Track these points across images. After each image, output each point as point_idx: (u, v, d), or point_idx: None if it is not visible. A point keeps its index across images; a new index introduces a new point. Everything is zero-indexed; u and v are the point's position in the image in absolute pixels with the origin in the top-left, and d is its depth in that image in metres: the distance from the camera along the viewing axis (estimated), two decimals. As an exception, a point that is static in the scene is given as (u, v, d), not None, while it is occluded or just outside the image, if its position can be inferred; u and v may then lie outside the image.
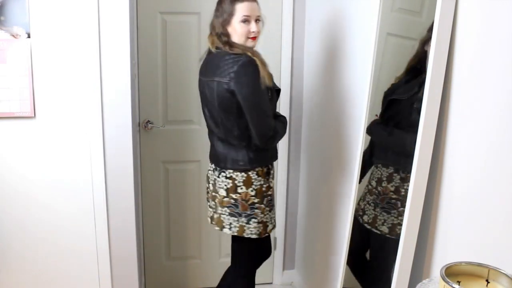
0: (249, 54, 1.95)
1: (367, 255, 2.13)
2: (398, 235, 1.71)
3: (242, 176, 2.05)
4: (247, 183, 2.05)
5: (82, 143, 2.37)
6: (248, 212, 2.07)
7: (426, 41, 1.65)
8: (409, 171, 1.65)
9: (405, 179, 1.75)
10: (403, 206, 1.75)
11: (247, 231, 2.09)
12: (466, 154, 1.47)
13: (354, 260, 2.15)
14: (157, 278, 3.04)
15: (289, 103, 2.94)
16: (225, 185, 2.08)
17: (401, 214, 1.77)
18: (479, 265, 1.12)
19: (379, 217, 1.94)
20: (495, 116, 1.33)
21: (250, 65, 1.92)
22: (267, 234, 2.16)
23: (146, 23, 2.72)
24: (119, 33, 2.30)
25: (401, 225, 1.71)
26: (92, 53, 2.29)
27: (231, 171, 2.06)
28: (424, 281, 1.27)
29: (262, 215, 2.10)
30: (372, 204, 1.99)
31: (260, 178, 2.07)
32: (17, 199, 2.37)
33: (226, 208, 2.09)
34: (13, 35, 2.22)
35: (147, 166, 2.88)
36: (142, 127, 2.82)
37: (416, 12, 1.86)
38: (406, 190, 1.68)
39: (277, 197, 3.08)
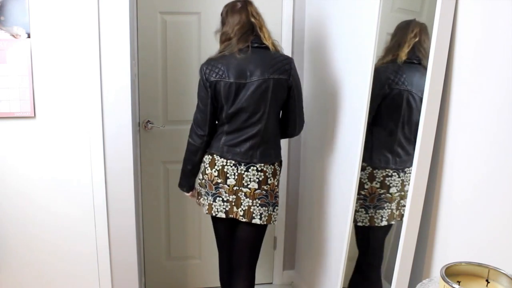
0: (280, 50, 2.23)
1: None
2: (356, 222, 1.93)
3: (271, 169, 2.20)
4: (274, 174, 2.22)
5: (82, 143, 2.37)
6: (273, 201, 2.23)
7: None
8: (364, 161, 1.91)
9: (363, 168, 1.98)
10: (358, 193, 1.98)
11: (272, 218, 2.24)
12: (466, 154, 1.47)
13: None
14: (157, 278, 3.04)
15: (289, 103, 2.94)
16: (257, 178, 2.17)
17: (362, 205, 1.97)
18: (479, 265, 1.12)
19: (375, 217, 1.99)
20: (495, 116, 1.33)
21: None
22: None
23: (146, 23, 2.72)
24: (119, 33, 2.30)
25: (359, 211, 1.92)
26: (92, 53, 2.29)
27: (261, 164, 2.16)
28: (424, 281, 1.27)
29: (279, 202, 2.33)
30: (362, 209, 2.04)
31: (279, 168, 2.28)
32: (17, 199, 2.37)
33: (257, 200, 2.18)
34: (13, 35, 2.22)
35: (147, 166, 2.88)
36: (142, 127, 2.82)
37: (416, 12, 1.86)
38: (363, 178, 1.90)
39: (277, 197, 3.08)
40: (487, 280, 1.10)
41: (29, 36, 2.23)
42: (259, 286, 3.16)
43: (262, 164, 2.16)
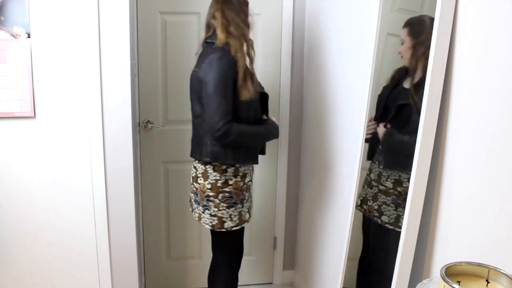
0: (231, 48, 2.09)
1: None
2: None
3: (202, 169, 2.20)
4: (204, 175, 2.18)
5: (82, 143, 2.37)
6: (204, 203, 2.20)
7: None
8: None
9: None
10: (394, 189, 1.86)
11: (203, 220, 2.24)
12: (466, 154, 1.47)
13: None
14: (157, 278, 3.04)
15: (289, 102, 2.94)
16: (191, 173, 2.28)
17: (393, 201, 1.86)
18: (479, 265, 1.12)
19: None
20: (496, 116, 1.33)
21: (222, 57, 2.06)
22: (224, 230, 2.21)
23: (146, 23, 2.71)
24: (119, 33, 2.30)
25: (389, 205, 1.83)
26: (92, 53, 2.29)
27: (196, 161, 2.23)
28: (424, 281, 1.27)
29: (216, 210, 2.18)
30: (392, 205, 1.97)
31: (216, 173, 2.16)
32: (17, 199, 2.37)
33: (192, 194, 2.29)
34: (13, 35, 2.22)
35: (147, 166, 2.88)
36: (142, 127, 2.82)
37: (416, 12, 1.86)
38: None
39: (277, 197, 3.08)
40: (487, 280, 1.10)
41: (29, 36, 2.23)
42: (259, 286, 3.16)
43: (196, 161, 2.23)
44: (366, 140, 2.02)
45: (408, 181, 1.73)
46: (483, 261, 1.14)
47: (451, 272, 1.10)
